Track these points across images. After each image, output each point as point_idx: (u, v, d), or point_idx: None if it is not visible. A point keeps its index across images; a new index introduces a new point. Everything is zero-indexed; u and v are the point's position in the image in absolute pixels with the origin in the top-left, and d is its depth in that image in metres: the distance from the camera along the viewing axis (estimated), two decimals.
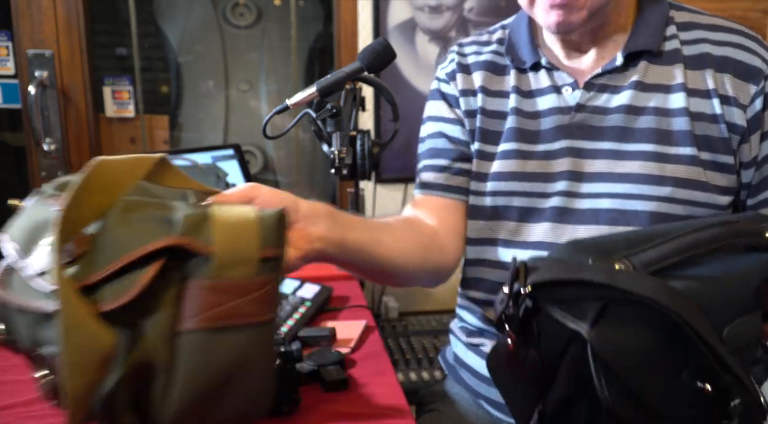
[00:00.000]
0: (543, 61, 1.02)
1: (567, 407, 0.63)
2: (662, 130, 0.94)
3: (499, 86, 1.05)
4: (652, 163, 0.93)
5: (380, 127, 2.03)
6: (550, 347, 0.64)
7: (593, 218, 0.95)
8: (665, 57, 0.96)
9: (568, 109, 0.98)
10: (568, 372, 0.62)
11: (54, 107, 1.97)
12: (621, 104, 0.96)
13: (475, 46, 1.11)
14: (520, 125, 1.01)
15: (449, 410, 1.11)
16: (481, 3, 1.93)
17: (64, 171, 2.00)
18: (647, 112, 0.95)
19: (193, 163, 1.85)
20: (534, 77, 1.03)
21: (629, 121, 0.95)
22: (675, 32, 0.97)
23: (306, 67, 2.32)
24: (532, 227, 0.99)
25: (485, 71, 1.06)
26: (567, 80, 1.00)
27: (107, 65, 2.16)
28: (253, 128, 2.33)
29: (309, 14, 2.30)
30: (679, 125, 0.93)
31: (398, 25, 1.98)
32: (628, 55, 0.96)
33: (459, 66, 1.09)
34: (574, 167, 0.97)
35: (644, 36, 0.96)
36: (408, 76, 1.99)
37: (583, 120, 0.97)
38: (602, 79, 0.98)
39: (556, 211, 0.97)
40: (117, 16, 2.18)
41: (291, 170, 2.37)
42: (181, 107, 2.29)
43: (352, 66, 1.04)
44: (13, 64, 1.97)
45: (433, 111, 1.11)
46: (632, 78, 0.96)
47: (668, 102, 0.94)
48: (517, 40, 1.05)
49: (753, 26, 1.70)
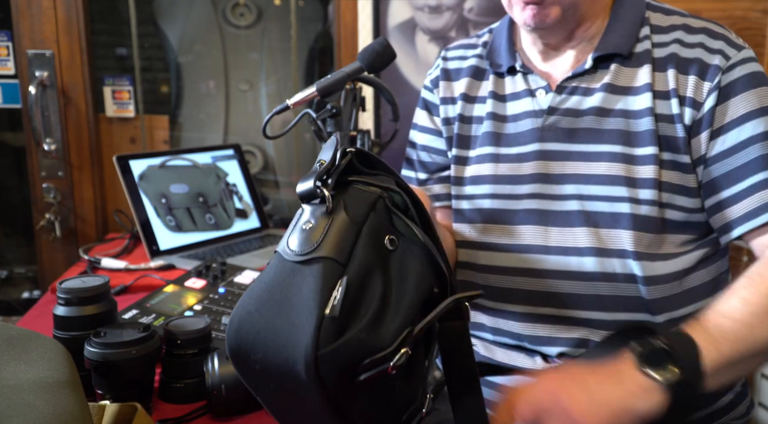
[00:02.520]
0: (518, 64, 1.03)
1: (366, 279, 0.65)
2: (628, 132, 0.94)
3: (478, 92, 1.08)
4: (618, 164, 0.93)
5: (380, 127, 2.03)
6: (356, 210, 0.68)
7: (566, 221, 0.95)
8: (636, 59, 0.96)
9: (541, 112, 0.99)
10: (366, 238, 0.67)
11: (54, 107, 1.97)
12: (591, 106, 0.96)
13: (461, 50, 1.14)
14: (495, 129, 1.03)
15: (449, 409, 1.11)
16: (481, 3, 1.93)
17: (64, 171, 2.00)
18: (615, 114, 0.95)
19: (193, 163, 1.85)
20: (510, 81, 1.05)
21: (598, 123, 0.96)
22: (648, 34, 0.97)
23: (306, 67, 2.32)
24: (515, 229, 0.99)
25: (468, 78, 1.10)
26: (541, 84, 1.01)
27: (107, 65, 2.15)
28: (253, 128, 2.33)
29: (309, 14, 2.30)
30: (644, 126, 0.93)
31: (398, 25, 1.98)
32: (599, 57, 0.97)
33: (442, 73, 1.13)
34: (545, 170, 0.97)
35: (615, 38, 0.97)
36: (408, 76, 1.99)
37: (555, 123, 0.98)
38: (573, 82, 0.98)
39: (534, 213, 0.97)
40: (117, 16, 2.18)
41: (291, 170, 2.37)
42: (181, 107, 2.29)
43: (352, 66, 1.04)
44: (13, 64, 1.97)
45: (418, 119, 1.17)
46: (603, 80, 0.97)
47: (635, 103, 0.95)
48: (498, 43, 1.08)
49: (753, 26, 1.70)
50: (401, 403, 0.69)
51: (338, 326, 0.61)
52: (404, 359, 0.63)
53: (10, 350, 0.67)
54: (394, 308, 0.66)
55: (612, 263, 0.93)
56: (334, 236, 0.65)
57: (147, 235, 1.67)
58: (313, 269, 0.63)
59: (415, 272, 0.69)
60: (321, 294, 0.61)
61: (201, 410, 0.93)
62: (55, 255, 2.04)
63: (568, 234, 0.95)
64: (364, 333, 0.62)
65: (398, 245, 0.70)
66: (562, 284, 0.96)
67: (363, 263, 0.65)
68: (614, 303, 0.94)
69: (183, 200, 1.78)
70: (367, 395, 0.65)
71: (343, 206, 0.67)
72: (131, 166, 1.71)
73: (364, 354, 0.62)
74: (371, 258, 0.66)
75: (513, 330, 1.02)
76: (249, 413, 0.92)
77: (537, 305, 0.98)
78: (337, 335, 0.61)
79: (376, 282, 0.66)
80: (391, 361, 0.62)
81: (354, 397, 0.64)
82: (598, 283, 0.94)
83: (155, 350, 0.91)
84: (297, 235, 0.66)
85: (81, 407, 0.64)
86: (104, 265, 1.59)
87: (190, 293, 1.24)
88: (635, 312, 0.94)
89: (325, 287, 0.62)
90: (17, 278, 2.28)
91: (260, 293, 0.65)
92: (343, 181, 0.70)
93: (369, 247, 0.67)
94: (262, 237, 1.86)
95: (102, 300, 0.97)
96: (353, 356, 0.61)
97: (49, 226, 1.99)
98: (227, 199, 1.87)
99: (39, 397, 0.62)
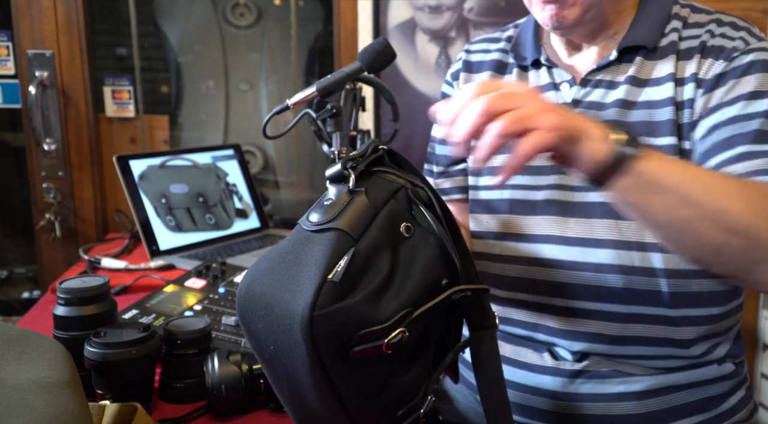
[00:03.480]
0: (543, 58, 1.03)
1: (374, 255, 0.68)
2: (650, 122, 0.94)
3: None
4: None
5: (380, 128, 2.03)
6: (377, 195, 0.72)
7: (585, 211, 0.95)
8: (660, 52, 0.96)
9: (564, 106, 0.99)
10: (382, 221, 0.70)
11: (54, 107, 1.97)
12: (616, 99, 0.96)
13: (485, 43, 1.14)
14: None
15: (449, 407, 1.12)
16: (481, 3, 1.93)
17: (64, 171, 2.00)
18: (638, 106, 0.95)
19: (193, 163, 1.85)
20: (535, 75, 1.05)
21: (622, 115, 0.95)
22: (677, 27, 0.97)
23: (306, 67, 2.32)
24: (533, 220, 0.99)
25: (490, 71, 1.09)
26: (565, 77, 1.01)
27: (107, 65, 2.15)
28: (253, 128, 2.33)
29: (309, 14, 2.30)
30: (665, 115, 0.93)
31: (398, 25, 1.98)
32: (623, 50, 0.97)
33: (464, 64, 1.13)
34: None
35: (641, 32, 0.97)
36: (408, 76, 1.99)
37: None
38: (598, 75, 0.98)
39: (554, 204, 0.97)
40: (117, 16, 2.18)
41: (291, 170, 2.37)
42: (181, 107, 2.29)
43: (352, 66, 1.04)
44: (13, 64, 1.97)
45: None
46: (627, 73, 0.96)
47: (657, 93, 0.94)
48: (524, 38, 1.08)
49: None
50: (399, 394, 0.70)
51: (339, 292, 0.63)
52: (400, 338, 0.65)
53: (10, 350, 0.67)
54: (397, 289, 0.68)
55: (631, 256, 0.93)
56: (351, 213, 0.68)
57: (147, 235, 1.67)
58: (325, 237, 0.67)
59: (424, 260, 0.71)
60: (328, 259, 0.64)
61: (201, 410, 0.93)
62: (55, 255, 2.04)
63: (587, 225, 0.95)
64: (362, 305, 0.64)
65: (414, 233, 0.72)
66: (578, 275, 0.96)
67: (374, 241, 0.68)
68: (629, 296, 0.94)
69: (183, 200, 1.78)
70: (363, 372, 0.66)
71: (365, 189, 0.71)
72: (131, 166, 1.71)
73: (359, 324, 0.64)
74: (383, 239, 0.69)
75: (525, 320, 1.01)
76: (249, 413, 0.92)
77: (551, 296, 0.98)
78: (336, 299, 0.63)
79: (384, 261, 0.68)
80: (386, 338, 0.64)
81: (348, 370, 0.65)
82: (615, 275, 0.93)
83: (155, 350, 0.91)
84: (317, 209, 0.70)
85: (81, 407, 0.64)
86: (104, 265, 1.59)
87: (190, 293, 1.24)
88: (650, 306, 0.93)
89: (333, 254, 0.65)
90: (17, 278, 2.28)
91: (274, 256, 0.69)
92: (370, 171, 0.74)
93: (383, 229, 0.69)
94: (262, 237, 1.86)
95: (102, 300, 0.97)
96: (348, 323, 0.63)
97: (49, 226, 1.99)
98: (227, 199, 1.87)
99: (39, 397, 0.62)
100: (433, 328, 0.73)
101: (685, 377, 0.97)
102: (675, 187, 0.76)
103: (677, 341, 0.95)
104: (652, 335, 0.94)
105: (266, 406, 0.93)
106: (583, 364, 0.97)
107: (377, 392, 0.68)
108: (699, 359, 0.97)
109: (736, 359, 1.03)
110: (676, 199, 0.76)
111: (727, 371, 1.00)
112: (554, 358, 0.99)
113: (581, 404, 0.97)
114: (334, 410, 0.67)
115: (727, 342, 1.00)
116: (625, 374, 0.96)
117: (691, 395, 0.97)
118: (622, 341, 0.95)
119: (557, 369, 0.98)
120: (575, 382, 0.97)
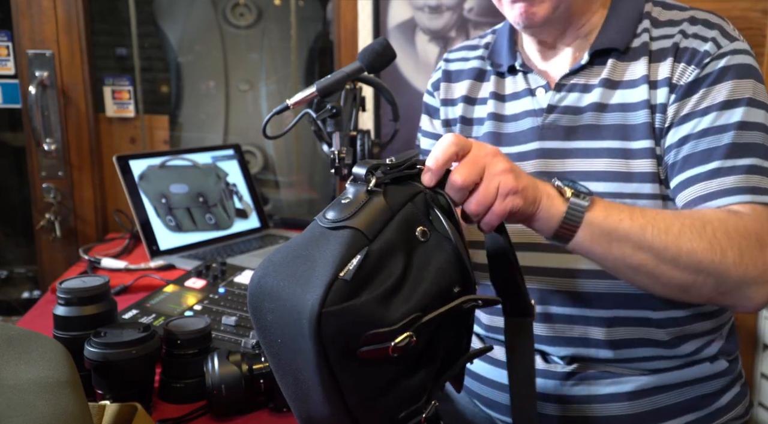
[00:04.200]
0: (518, 63, 1.03)
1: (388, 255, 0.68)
2: (625, 126, 0.94)
3: (479, 93, 1.09)
4: (617, 160, 0.93)
5: (380, 128, 2.03)
6: (395, 198, 0.72)
7: None
8: (632, 53, 0.96)
9: (540, 111, 1.00)
10: (398, 223, 0.70)
11: (54, 107, 1.97)
12: (590, 103, 0.96)
13: (463, 51, 1.14)
14: (495, 129, 1.04)
15: (448, 408, 1.11)
16: (481, 3, 1.93)
17: (64, 171, 2.00)
18: (612, 108, 0.95)
19: (193, 163, 1.85)
20: (511, 81, 1.05)
21: (597, 119, 0.96)
22: (647, 27, 0.97)
23: (306, 67, 2.32)
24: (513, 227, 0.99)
25: (470, 80, 1.10)
26: (540, 82, 1.01)
27: (107, 65, 2.15)
28: (253, 128, 2.33)
29: (309, 14, 2.30)
30: (640, 118, 0.93)
31: (398, 25, 1.98)
32: (595, 53, 0.97)
33: (444, 74, 1.14)
34: (545, 168, 0.97)
35: (611, 33, 0.97)
36: (408, 76, 1.99)
37: (554, 121, 0.98)
38: (572, 79, 0.98)
39: None
40: (117, 16, 2.18)
41: (291, 170, 2.37)
42: (181, 107, 2.29)
43: (352, 66, 1.04)
44: (13, 64, 1.97)
45: (422, 124, 1.18)
46: (600, 76, 0.97)
47: (631, 96, 0.94)
48: (500, 44, 1.08)
49: (753, 26, 1.70)
50: (402, 397, 0.70)
51: (349, 290, 0.63)
52: (407, 342, 0.65)
53: (11, 350, 0.67)
54: (408, 292, 0.67)
55: None
56: (367, 212, 0.69)
57: (147, 235, 1.67)
58: (340, 235, 0.67)
59: (437, 265, 0.71)
60: (341, 257, 0.64)
61: (201, 410, 0.93)
62: (55, 255, 2.04)
63: None
64: (371, 305, 0.64)
65: (430, 237, 0.72)
66: (559, 281, 0.96)
67: (388, 242, 0.68)
68: (611, 300, 0.94)
69: (183, 200, 1.78)
70: (367, 373, 0.66)
71: (383, 191, 0.71)
72: (131, 166, 1.71)
73: (367, 324, 0.64)
74: (398, 242, 0.69)
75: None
76: (249, 413, 0.92)
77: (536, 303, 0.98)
78: (346, 298, 0.63)
79: (397, 263, 0.68)
80: (393, 340, 0.64)
81: (353, 369, 0.65)
82: (597, 281, 0.94)
83: (155, 350, 0.91)
84: (335, 206, 0.70)
85: (81, 407, 0.64)
86: (104, 265, 1.59)
87: (190, 293, 1.24)
88: (633, 309, 0.94)
89: (346, 252, 0.65)
90: (17, 278, 2.29)
91: (288, 250, 0.69)
92: (393, 178, 0.75)
93: (399, 232, 0.70)
94: (262, 237, 1.86)
95: (102, 300, 0.97)
96: (357, 322, 0.63)
97: (49, 226, 1.99)
98: (227, 199, 1.87)
99: (39, 397, 0.62)
100: (442, 336, 0.73)
101: (675, 376, 0.97)
102: (625, 234, 0.79)
103: (663, 341, 0.95)
104: (638, 336, 0.95)
105: (266, 406, 0.93)
106: (573, 366, 0.97)
107: (380, 393, 0.68)
108: (689, 357, 0.98)
109: (730, 355, 1.03)
110: (630, 245, 0.79)
111: (720, 368, 1.00)
112: (545, 361, 0.99)
113: (573, 405, 0.97)
114: (336, 408, 0.67)
115: (719, 339, 1.00)
116: (615, 376, 0.96)
117: (682, 394, 0.97)
118: (609, 344, 0.95)
119: (548, 372, 0.98)
120: (566, 384, 0.97)
